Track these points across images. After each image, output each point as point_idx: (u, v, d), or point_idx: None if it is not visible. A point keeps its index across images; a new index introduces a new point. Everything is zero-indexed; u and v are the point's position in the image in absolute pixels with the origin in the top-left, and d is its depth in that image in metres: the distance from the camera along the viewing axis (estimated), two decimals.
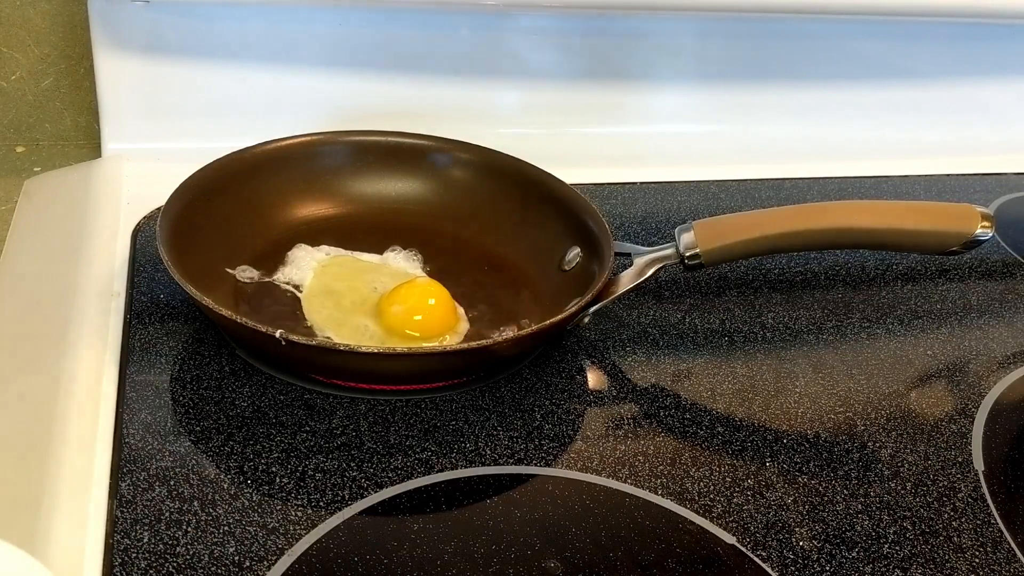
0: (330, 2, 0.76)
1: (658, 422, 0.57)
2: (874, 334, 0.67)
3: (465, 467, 0.52)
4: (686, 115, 0.89)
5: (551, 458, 0.54)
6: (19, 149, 0.81)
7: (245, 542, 0.46)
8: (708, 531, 0.50)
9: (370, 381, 0.56)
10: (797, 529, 0.51)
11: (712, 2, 0.79)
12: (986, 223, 0.66)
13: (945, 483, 0.55)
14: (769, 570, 0.49)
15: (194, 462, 0.50)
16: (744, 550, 0.50)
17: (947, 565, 0.50)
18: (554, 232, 0.67)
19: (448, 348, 0.58)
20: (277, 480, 0.50)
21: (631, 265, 0.62)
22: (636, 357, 0.62)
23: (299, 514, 0.48)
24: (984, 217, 0.66)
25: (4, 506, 0.48)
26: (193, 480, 0.49)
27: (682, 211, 0.79)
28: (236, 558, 0.46)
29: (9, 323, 0.61)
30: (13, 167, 0.79)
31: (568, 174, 0.69)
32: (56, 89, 0.80)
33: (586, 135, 0.87)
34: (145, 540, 0.46)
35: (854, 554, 0.50)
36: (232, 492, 0.49)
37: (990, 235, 0.66)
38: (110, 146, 0.77)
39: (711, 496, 0.52)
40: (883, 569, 0.50)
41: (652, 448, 0.55)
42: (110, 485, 0.48)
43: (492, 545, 0.48)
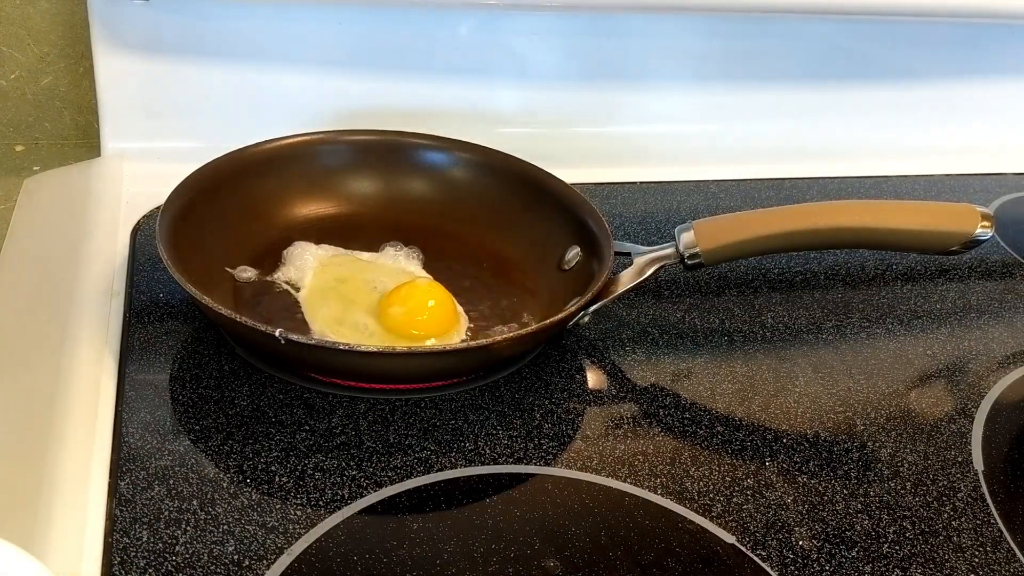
0: (330, 1, 0.76)
1: (658, 421, 0.57)
2: (874, 334, 0.67)
3: (465, 466, 0.52)
4: (686, 115, 0.89)
5: (551, 457, 0.54)
6: (18, 148, 0.81)
7: (244, 541, 0.46)
8: (708, 530, 0.50)
9: (370, 380, 0.56)
10: (797, 528, 0.51)
11: (712, 2, 0.79)
12: (986, 223, 0.65)
13: (945, 483, 0.55)
14: (769, 569, 0.49)
15: (193, 461, 0.50)
16: (744, 549, 0.50)
17: (947, 565, 0.50)
18: (554, 231, 0.67)
19: (448, 347, 0.58)
20: (276, 479, 0.50)
21: (631, 264, 0.62)
22: (636, 356, 0.62)
23: (298, 513, 0.48)
24: (984, 217, 0.66)
25: (3, 505, 0.48)
26: (192, 479, 0.49)
27: (682, 211, 0.79)
28: (235, 557, 0.46)
29: (8, 322, 0.61)
30: (12, 166, 0.79)
31: (568, 174, 0.69)
32: (56, 88, 0.80)
33: (586, 135, 0.87)
34: (144, 539, 0.46)
35: (854, 554, 0.50)
36: (231, 491, 0.49)
37: (990, 235, 0.65)
38: (109, 145, 0.77)
39: (711, 495, 0.52)
40: (883, 569, 0.50)
41: (652, 447, 0.55)
42: (109, 484, 0.48)
43: (492, 544, 0.48)
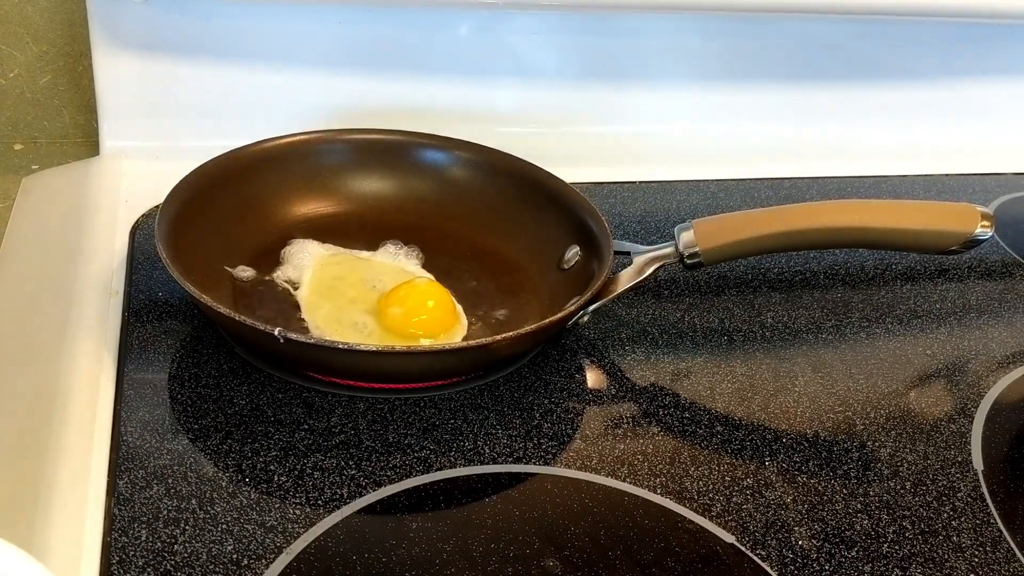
0: (330, 1, 0.76)
1: (657, 421, 0.57)
2: (873, 334, 0.67)
3: (464, 466, 0.52)
4: (686, 115, 0.89)
5: (550, 457, 0.54)
6: (17, 147, 0.81)
7: (243, 540, 0.46)
8: (707, 530, 0.50)
9: (369, 380, 0.56)
10: (796, 528, 0.51)
11: (712, 2, 0.79)
12: (986, 222, 0.65)
13: (944, 483, 0.55)
14: (768, 569, 0.49)
15: (192, 460, 0.50)
16: (743, 549, 0.49)
17: (946, 564, 0.50)
18: (553, 231, 0.67)
19: (447, 347, 0.58)
20: (275, 478, 0.50)
21: (630, 264, 0.62)
22: (635, 356, 0.62)
23: (297, 512, 0.48)
24: (984, 216, 0.65)
25: (1, 504, 0.48)
26: (191, 478, 0.49)
27: (682, 210, 0.79)
28: (234, 556, 0.45)
29: (7, 321, 0.61)
30: (11, 165, 0.79)
31: (568, 173, 0.69)
32: (54, 87, 0.80)
33: (586, 135, 0.87)
34: (143, 538, 0.46)
35: (853, 553, 0.50)
36: (230, 490, 0.49)
37: (990, 235, 0.65)
38: (108, 144, 0.77)
39: (710, 495, 0.52)
40: (882, 568, 0.50)
41: (651, 447, 0.55)
42: (108, 483, 0.48)
43: (491, 544, 0.48)
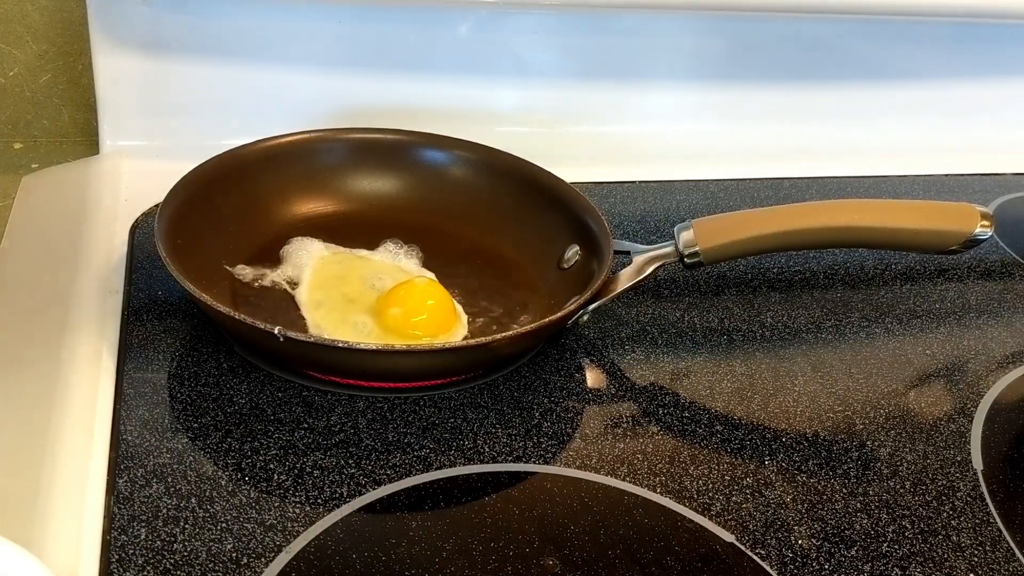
0: (330, 0, 0.76)
1: (657, 420, 0.57)
2: (873, 333, 0.67)
3: (464, 465, 0.52)
4: (685, 114, 0.89)
5: (550, 456, 0.53)
6: (17, 146, 0.81)
7: (243, 539, 0.46)
8: (707, 529, 0.50)
9: (368, 378, 0.56)
10: (796, 527, 0.51)
11: (712, 2, 0.79)
12: (985, 222, 0.65)
13: (944, 482, 0.55)
14: (768, 568, 0.49)
15: (192, 459, 0.50)
16: (743, 548, 0.49)
17: (946, 564, 0.50)
18: (553, 230, 0.67)
19: (447, 346, 0.58)
20: (275, 477, 0.50)
21: (630, 263, 0.62)
22: (635, 355, 0.62)
23: (297, 511, 0.48)
24: (983, 216, 0.66)
25: (1, 502, 0.48)
26: (191, 477, 0.49)
27: (681, 210, 0.79)
28: (234, 555, 0.45)
29: (7, 320, 0.61)
30: (11, 164, 0.79)
31: (568, 173, 0.69)
32: (54, 85, 0.80)
33: (586, 134, 0.87)
34: (142, 536, 0.46)
35: (853, 552, 0.50)
36: (230, 489, 0.49)
37: (989, 234, 0.65)
38: (108, 143, 0.77)
39: (710, 494, 0.52)
40: (882, 567, 0.50)
41: (651, 446, 0.55)
42: (107, 481, 0.48)
43: (491, 543, 0.48)
